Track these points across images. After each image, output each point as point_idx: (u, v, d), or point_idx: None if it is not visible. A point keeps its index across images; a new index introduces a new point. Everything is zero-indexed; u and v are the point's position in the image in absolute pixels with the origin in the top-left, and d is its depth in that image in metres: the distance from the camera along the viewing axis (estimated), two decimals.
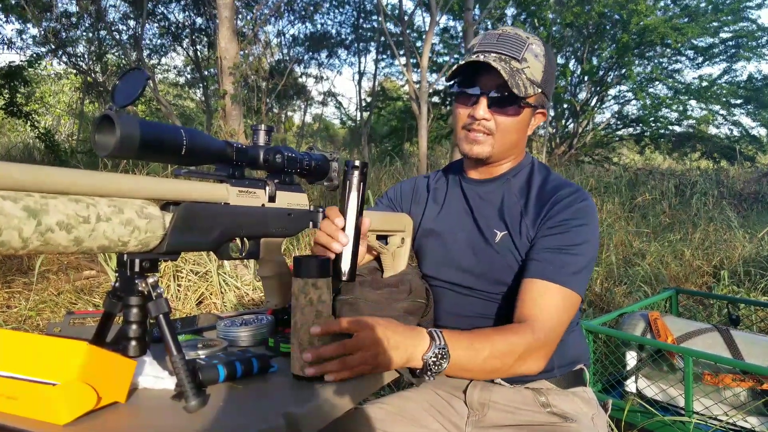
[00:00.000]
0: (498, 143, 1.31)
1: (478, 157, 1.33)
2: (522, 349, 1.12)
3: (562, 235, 1.24)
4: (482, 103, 1.27)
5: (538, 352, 1.15)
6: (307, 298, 0.98)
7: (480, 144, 1.31)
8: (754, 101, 11.36)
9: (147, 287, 0.84)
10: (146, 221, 0.79)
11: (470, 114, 1.30)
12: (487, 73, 1.26)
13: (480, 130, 1.30)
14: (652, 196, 7.95)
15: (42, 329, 3.52)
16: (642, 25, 9.87)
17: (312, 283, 0.98)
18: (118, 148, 0.73)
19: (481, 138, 1.30)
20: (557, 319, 1.19)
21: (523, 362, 1.14)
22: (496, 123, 1.29)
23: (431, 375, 1.04)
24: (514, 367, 1.14)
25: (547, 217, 1.28)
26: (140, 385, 0.93)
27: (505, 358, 1.12)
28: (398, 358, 1.00)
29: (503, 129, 1.30)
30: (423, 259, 1.48)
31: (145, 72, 0.79)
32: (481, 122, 1.29)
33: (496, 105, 1.28)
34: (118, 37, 10.23)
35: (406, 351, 1.01)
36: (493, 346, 1.10)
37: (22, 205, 0.65)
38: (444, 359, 1.03)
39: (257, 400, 0.92)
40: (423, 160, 7.44)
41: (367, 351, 0.97)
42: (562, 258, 1.22)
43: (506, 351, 1.11)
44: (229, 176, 0.96)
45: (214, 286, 3.96)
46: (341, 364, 0.96)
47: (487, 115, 1.28)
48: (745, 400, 1.97)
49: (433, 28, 7.77)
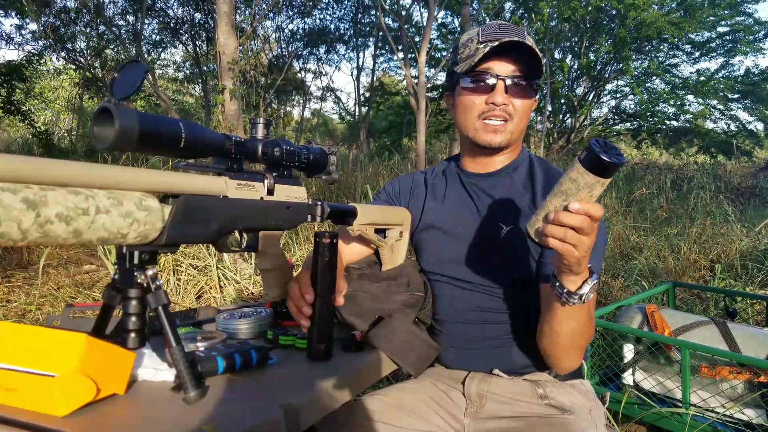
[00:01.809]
0: (515, 129, 1.35)
1: (500, 146, 1.35)
2: (588, 338, 1.18)
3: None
4: (500, 89, 1.30)
5: (585, 349, 1.22)
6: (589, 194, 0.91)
7: (500, 133, 1.33)
8: (752, 96, 11.35)
9: (146, 279, 0.84)
10: (145, 213, 0.79)
11: (488, 101, 1.31)
12: (501, 58, 1.29)
13: (500, 116, 1.32)
14: (650, 191, 7.95)
15: (42, 323, 3.52)
16: (639, 19, 9.85)
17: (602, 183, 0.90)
18: (117, 140, 0.73)
19: (500, 126, 1.33)
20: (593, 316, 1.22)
21: (582, 351, 1.21)
22: (513, 107, 1.32)
23: (578, 300, 1.03)
24: (579, 349, 1.19)
25: None
26: (139, 377, 0.94)
27: (588, 336, 1.17)
28: (584, 266, 1.00)
29: (520, 113, 1.34)
30: (423, 253, 1.48)
31: (144, 65, 0.79)
32: (502, 107, 1.31)
33: (513, 89, 1.31)
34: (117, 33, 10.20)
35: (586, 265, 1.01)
36: (591, 321, 1.15)
37: (22, 196, 0.65)
38: (592, 293, 1.04)
39: (256, 392, 0.93)
40: (421, 154, 7.44)
41: (590, 239, 0.93)
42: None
43: (591, 331, 1.17)
44: (227, 169, 0.96)
45: (213, 280, 3.96)
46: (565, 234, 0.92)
47: (506, 100, 1.31)
48: (742, 392, 1.98)
49: (431, 23, 7.75)
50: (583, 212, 0.90)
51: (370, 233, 1.34)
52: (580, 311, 1.08)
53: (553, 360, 1.22)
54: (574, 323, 1.11)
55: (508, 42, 1.26)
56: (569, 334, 1.13)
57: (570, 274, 1.01)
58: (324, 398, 0.95)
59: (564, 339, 1.15)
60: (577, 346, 1.17)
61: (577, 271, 0.99)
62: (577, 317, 1.09)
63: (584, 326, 1.13)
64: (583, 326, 1.12)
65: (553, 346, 1.18)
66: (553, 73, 11.43)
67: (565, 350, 1.18)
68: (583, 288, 1.02)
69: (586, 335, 1.16)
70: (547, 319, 1.14)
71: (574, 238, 0.92)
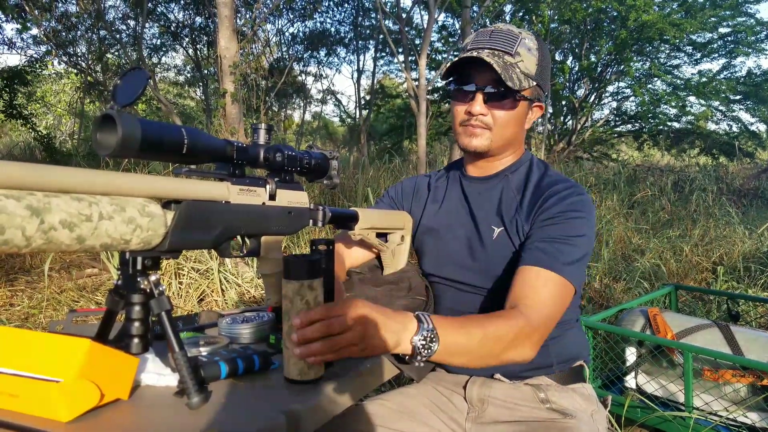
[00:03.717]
0: (496, 137, 1.33)
1: (477, 150, 1.34)
2: (513, 334, 1.08)
3: (556, 226, 1.24)
4: (478, 99, 1.30)
5: (530, 339, 1.11)
6: (303, 301, 0.95)
7: (478, 137, 1.32)
8: (754, 97, 11.31)
9: (149, 285, 0.85)
10: (148, 219, 0.79)
11: (467, 110, 1.31)
12: (481, 69, 1.28)
13: (477, 125, 1.32)
14: (651, 193, 7.95)
15: (44, 327, 3.53)
16: (640, 21, 9.85)
17: (308, 285, 0.95)
18: (120, 147, 0.73)
19: (478, 132, 1.32)
20: (551, 307, 1.15)
21: (515, 348, 1.09)
22: (493, 117, 1.31)
23: (421, 360, 0.99)
24: (505, 352, 1.08)
25: (541, 210, 1.28)
26: (143, 382, 0.94)
27: (497, 343, 1.06)
28: (387, 340, 0.95)
29: (500, 123, 1.32)
30: (423, 256, 1.48)
31: (146, 72, 0.80)
32: (479, 117, 1.31)
33: (492, 100, 1.30)
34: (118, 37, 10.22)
35: (395, 333, 0.96)
36: (485, 331, 1.05)
37: (25, 203, 0.65)
38: (433, 342, 0.98)
39: (259, 397, 0.93)
40: (422, 157, 7.44)
41: (355, 331, 0.91)
42: (557, 247, 1.20)
43: (497, 336, 1.06)
44: (229, 175, 0.96)
45: (215, 284, 3.97)
46: (328, 344, 0.90)
47: (484, 110, 1.30)
48: (745, 395, 1.98)
49: (432, 25, 7.76)
50: (306, 321, 0.90)
51: (372, 237, 1.34)
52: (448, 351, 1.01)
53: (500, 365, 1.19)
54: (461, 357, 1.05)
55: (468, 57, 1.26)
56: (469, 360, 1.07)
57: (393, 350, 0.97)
58: (326, 403, 0.96)
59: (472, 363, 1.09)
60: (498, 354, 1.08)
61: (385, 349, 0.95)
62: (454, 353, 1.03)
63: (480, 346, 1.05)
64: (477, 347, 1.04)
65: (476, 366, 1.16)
66: (554, 75, 11.42)
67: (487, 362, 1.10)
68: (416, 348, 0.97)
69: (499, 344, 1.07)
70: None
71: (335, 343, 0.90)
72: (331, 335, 0.90)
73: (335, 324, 0.90)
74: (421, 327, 0.98)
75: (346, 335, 0.91)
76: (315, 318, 0.91)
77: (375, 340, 0.93)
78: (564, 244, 1.21)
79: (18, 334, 0.84)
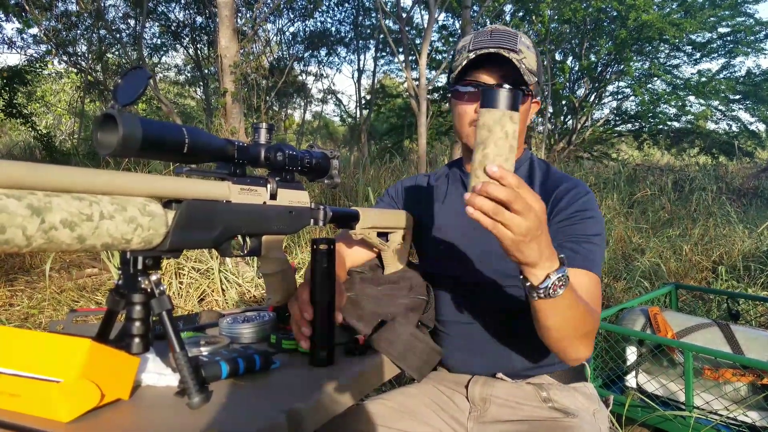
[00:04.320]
0: None
1: None
2: (591, 327, 1.11)
3: (576, 226, 1.26)
4: None
5: (593, 337, 1.14)
6: (503, 131, 0.88)
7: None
8: (753, 96, 11.31)
9: (150, 284, 0.85)
10: (149, 219, 0.79)
11: (476, 110, 1.31)
12: (489, 66, 1.29)
13: None
14: (651, 192, 7.95)
15: (44, 327, 3.53)
16: (640, 20, 9.84)
17: (509, 116, 0.89)
18: (121, 146, 0.73)
19: None
20: (599, 306, 1.19)
21: (586, 339, 1.12)
22: None
23: (544, 294, 0.97)
24: (581, 339, 1.10)
25: (556, 212, 1.29)
26: (143, 382, 0.94)
27: (583, 328, 1.09)
28: (537, 254, 0.92)
29: None
30: (425, 255, 1.48)
31: (147, 71, 0.80)
32: None
33: None
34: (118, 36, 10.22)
35: (543, 255, 0.93)
36: (586, 313, 1.07)
37: (26, 203, 0.65)
38: (561, 288, 0.97)
39: (260, 397, 0.93)
40: (422, 156, 7.43)
41: (528, 221, 0.87)
42: (585, 247, 1.22)
43: (586, 323, 1.09)
44: (230, 174, 0.96)
45: (215, 284, 3.97)
46: (498, 212, 0.86)
47: None
48: (746, 394, 1.98)
49: (432, 25, 7.75)
50: (499, 176, 0.85)
51: (373, 237, 1.34)
52: (557, 305, 1.00)
53: (556, 352, 1.17)
54: (558, 318, 1.04)
55: (485, 54, 1.27)
56: (557, 327, 1.07)
57: (525, 266, 0.95)
58: (327, 402, 0.96)
59: (554, 332, 1.08)
60: (572, 337, 1.10)
61: (526, 260, 0.93)
62: (557, 311, 1.02)
63: (574, 320, 1.06)
64: (571, 320, 1.06)
65: (547, 341, 1.13)
66: (554, 74, 11.42)
67: (560, 342, 1.11)
68: (546, 282, 0.96)
69: (582, 327, 1.09)
70: (532, 312, 1.08)
71: (503, 215, 0.86)
72: (507, 207, 0.86)
73: (520, 202, 0.86)
74: (561, 268, 0.97)
75: (517, 219, 0.86)
76: (510, 182, 0.86)
77: (532, 244, 0.90)
78: (588, 243, 1.23)
79: (18, 334, 0.84)
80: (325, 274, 1.12)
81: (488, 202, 0.85)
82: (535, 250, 0.92)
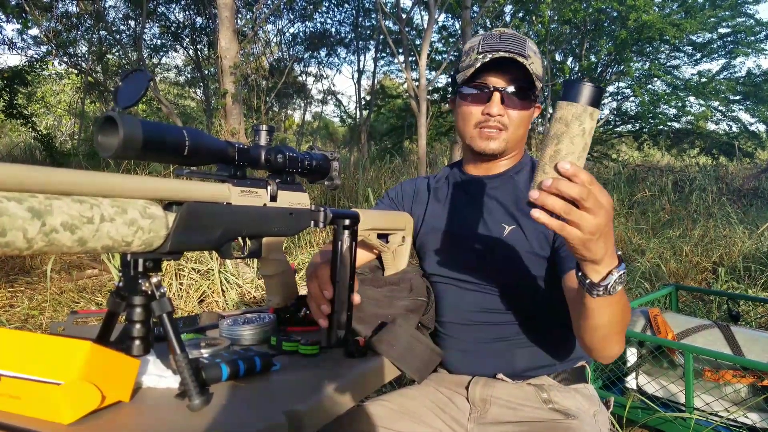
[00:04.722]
0: (511, 137, 1.37)
1: (494, 152, 1.37)
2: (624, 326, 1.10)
3: None
4: (496, 100, 1.32)
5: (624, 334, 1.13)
6: (580, 127, 0.85)
7: (495, 140, 1.36)
8: (753, 97, 11.31)
9: (150, 287, 0.85)
10: (149, 221, 0.79)
11: (484, 111, 1.34)
12: (498, 69, 1.31)
13: (495, 127, 1.35)
14: (651, 193, 7.95)
15: (45, 329, 3.53)
16: (640, 21, 9.85)
17: (590, 113, 0.86)
18: (122, 149, 0.73)
19: (495, 134, 1.35)
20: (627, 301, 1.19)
21: (623, 336, 1.12)
22: (509, 118, 1.34)
23: (604, 292, 0.95)
24: (620, 335, 1.10)
25: None
26: (144, 384, 0.94)
27: (623, 326, 1.08)
28: (601, 252, 0.90)
29: (516, 123, 1.36)
30: (426, 256, 1.49)
31: (148, 73, 0.80)
32: (497, 118, 1.33)
33: (509, 100, 1.33)
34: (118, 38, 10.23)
35: (608, 252, 0.91)
36: (626, 308, 1.06)
37: (27, 206, 0.65)
38: (620, 284, 0.95)
39: (260, 398, 0.93)
40: (422, 157, 7.44)
41: (598, 219, 0.85)
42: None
43: (628, 315, 1.08)
44: (230, 176, 0.96)
45: (215, 285, 3.97)
46: (568, 209, 0.84)
47: (502, 111, 1.33)
48: (746, 396, 1.98)
49: (432, 26, 7.76)
50: (572, 173, 0.83)
51: (373, 238, 1.34)
52: (612, 302, 0.99)
53: (595, 352, 1.16)
54: (608, 315, 1.03)
55: (501, 57, 1.29)
56: (606, 324, 1.06)
57: (589, 263, 0.94)
58: (327, 404, 0.96)
59: (602, 330, 1.07)
60: (615, 333, 1.09)
61: (592, 257, 0.90)
62: (610, 308, 1.01)
63: (620, 315, 1.06)
64: (618, 315, 1.05)
65: (591, 340, 1.12)
66: (554, 75, 11.43)
67: (604, 340, 1.10)
68: (608, 279, 0.94)
69: (623, 322, 1.09)
70: (580, 312, 1.07)
71: (574, 213, 0.84)
72: (578, 205, 0.84)
73: (591, 199, 0.84)
74: (621, 265, 0.95)
75: (588, 217, 0.85)
76: (582, 179, 0.83)
77: (599, 242, 0.89)
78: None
79: (19, 336, 0.84)
80: (346, 252, 1.12)
81: (560, 201, 0.84)
82: (601, 247, 0.90)
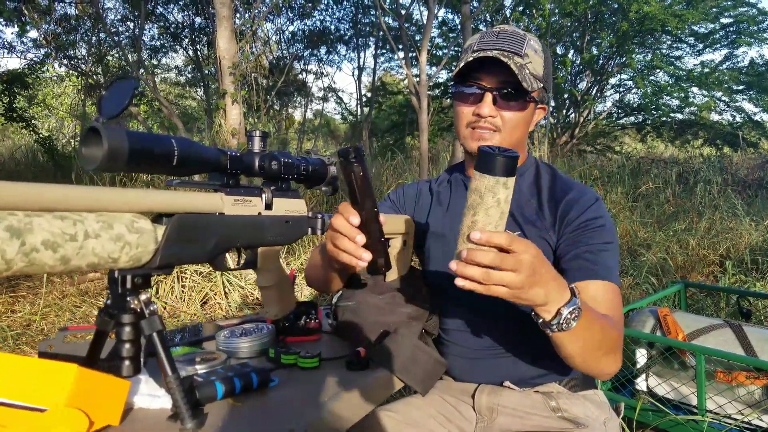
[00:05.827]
0: (505, 139, 1.29)
1: None
2: (616, 342, 1.10)
3: (590, 235, 1.22)
4: (487, 100, 1.26)
5: (619, 349, 1.12)
6: (494, 199, 0.87)
7: (486, 140, 1.29)
8: (756, 87, 11.22)
9: (140, 304, 0.81)
10: (137, 236, 0.76)
11: (475, 112, 1.28)
12: (491, 69, 1.25)
13: (486, 128, 1.28)
14: (656, 185, 7.88)
15: (45, 335, 3.51)
16: (641, 12, 9.77)
17: (503, 183, 0.87)
18: (107, 161, 0.70)
19: (487, 135, 1.28)
20: (621, 317, 1.17)
21: (614, 354, 1.10)
22: (502, 119, 1.28)
23: (557, 329, 0.95)
24: (607, 355, 1.08)
25: (567, 222, 1.26)
26: (135, 405, 0.90)
27: (608, 345, 1.07)
28: (541, 298, 0.91)
29: (510, 125, 1.28)
30: (428, 261, 1.44)
31: (134, 81, 0.76)
32: (488, 119, 1.27)
33: (502, 101, 1.26)
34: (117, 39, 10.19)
35: (549, 294, 0.91)
36: (605, 330, 1.05)
37: (5, 224, 0.62)
38: (575, 320, 0.95)
39: (257, 417, 0.90)
40: (424, 153, 7.38)
41: (521, 275, 0.85)
42: (603, 256, 1.19)
43: (611, 338, 1.07)
44: (223, 185, 0.92)
45: (218, 287, 3.94)
46: (487, 276, 0.85)
47: (493, 112, 1.26)
48: (760, 398, 1.93)
49: (431, 21, 7.70)
50: (485, 241, 0.84)
51: None
52: (576, 334, 0.97)
53: (587, 373, 1.15)
54: (579, 343, 1.01)
55: (488, 57, 1.22)
56: (579, 352, 1.04)
57: (535, 306, 0.94)
58: (329, 421, 0.92)
59: (578, 357, 1.05)
60: (599, 356, 1.07)
61: (533, 303, 0.92)
62: (576, 339, 1.00)
63: (595, 340, 1.03)
64: (592, 341, 1.03)
65: (574, 365, 1.10)
66: (555, 68, 11.36)
67: (586, 364, 1.08)
68: (558, 317, 0.94)
69: (604, 345, 1.06)
70: (553, 343, 1.04)
71: (493, 277, 0.85)
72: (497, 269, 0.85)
73: (509, 260, 0.85)
74: (572, 300, 0.95)
75: (509, 275, 0.85)
76: (496, 243, 0.85)
77: (534, 289, 0.89)
78: (604, 251, 1.20)
79: (4, 359, 0.80)
80: (363, 180, 1.05)
81: (477, 270, 0.85)
82: (539, 294, 0.90)
